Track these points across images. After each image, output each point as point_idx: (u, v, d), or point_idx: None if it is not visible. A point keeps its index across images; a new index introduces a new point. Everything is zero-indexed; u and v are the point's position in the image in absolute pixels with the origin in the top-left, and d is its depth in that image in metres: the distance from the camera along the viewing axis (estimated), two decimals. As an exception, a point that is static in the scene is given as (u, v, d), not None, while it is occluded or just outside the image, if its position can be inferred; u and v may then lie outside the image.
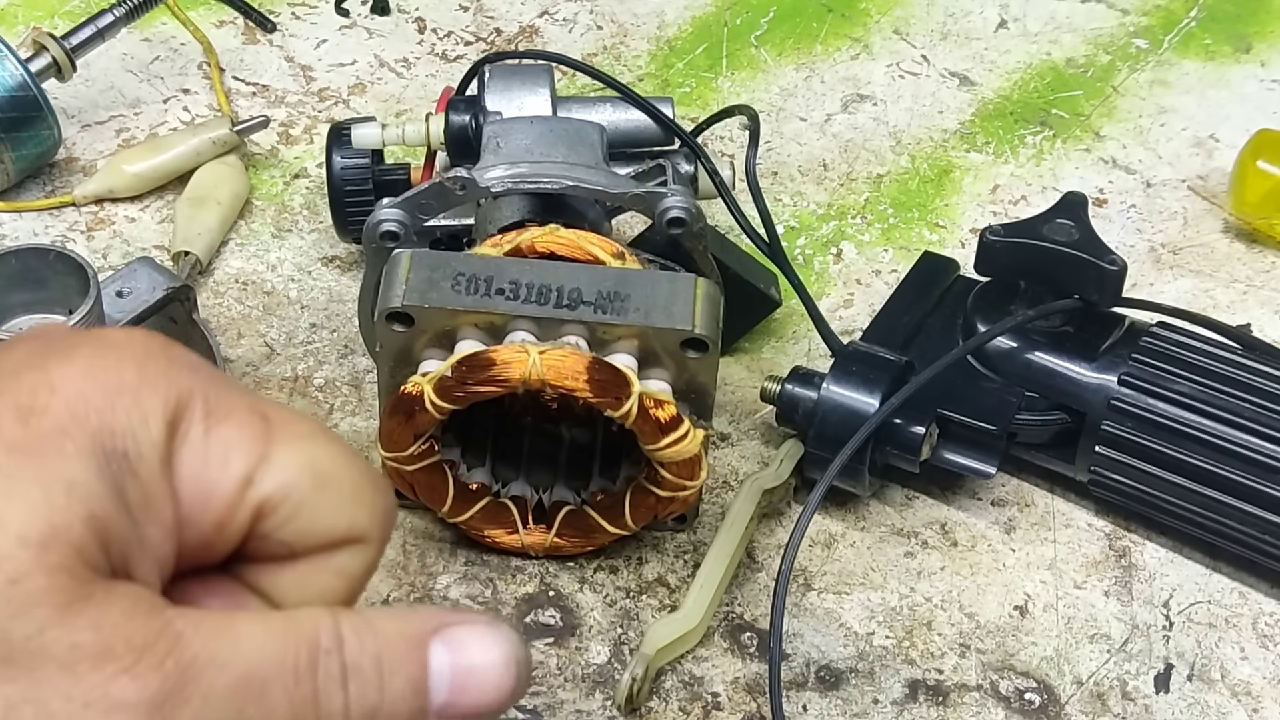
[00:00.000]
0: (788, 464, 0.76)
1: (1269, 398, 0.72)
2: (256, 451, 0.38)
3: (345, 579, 0.40)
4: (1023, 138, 0.97)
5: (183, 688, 0.34)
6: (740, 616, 0.72)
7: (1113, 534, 0.77)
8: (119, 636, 0.34)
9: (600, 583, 0.74)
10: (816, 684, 0.70)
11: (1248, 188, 0.90)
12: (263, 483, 0.38)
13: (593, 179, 0.71)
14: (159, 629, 0.34)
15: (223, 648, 0.35)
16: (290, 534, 0.39)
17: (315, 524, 0.39)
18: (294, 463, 0.38)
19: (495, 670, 0.38)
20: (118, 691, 0.33)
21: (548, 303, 0.67)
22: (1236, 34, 1.05)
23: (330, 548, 0.39)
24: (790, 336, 0.85)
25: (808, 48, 1.03)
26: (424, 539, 0.75)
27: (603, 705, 0.69)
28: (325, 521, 0.39)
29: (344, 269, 0.88)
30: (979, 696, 0.70)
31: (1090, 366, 0.74)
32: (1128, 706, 0.70)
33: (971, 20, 1.06)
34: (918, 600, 0.74)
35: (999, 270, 0.76)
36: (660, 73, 1.01)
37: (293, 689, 0.36)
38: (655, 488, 0.70)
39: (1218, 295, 0.88)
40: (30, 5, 1.03)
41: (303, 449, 0.39)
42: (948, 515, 0.77)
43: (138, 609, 0.35)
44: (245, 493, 0.38)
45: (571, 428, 0.76)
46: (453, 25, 1.04)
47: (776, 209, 0.91)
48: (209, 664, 0.34)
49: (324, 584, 0.40)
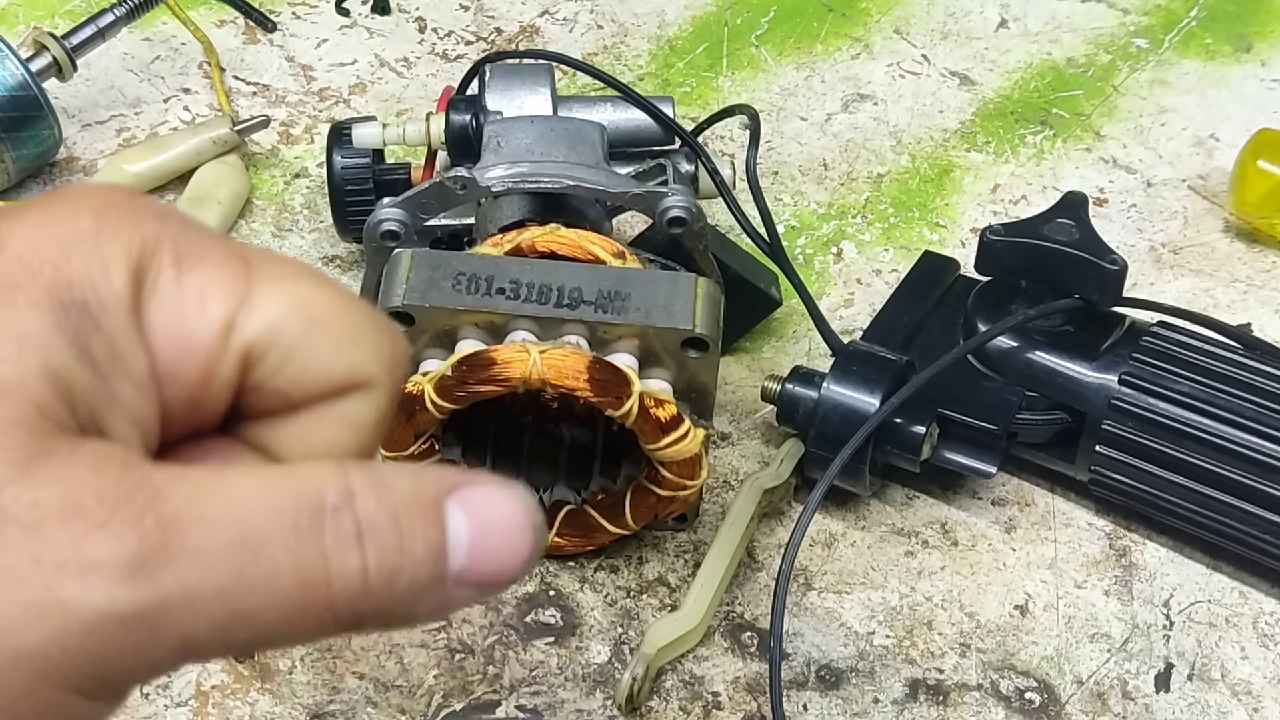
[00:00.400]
0: (788, 463, 0.76)
1: (1269, 397, 0.72)
2: (236, 294, 0.35)
3: (355, 429, 0.36)
4: (1023, 137, 0.97)
5: (165, 545, 0.30)
6: (740, 616, 0.72)
7: (1113, 534, 0.77)
8: (88, 491, 0.30)
9: (600, 582, 0.74)
10: (817, 683, 0.70)
11: (1248, 187, 0.90)
12: (246, 327, 0.35)
13: (593, 178, 0.71)
14: (134, 483, 0.31)
15: (211, 503, 0.32)
16: (285, 382, 0.35)
17: (311, 369, 0.35)
18: (279, 303, 0.35)
19: (514, 532, 0.34)
20: (92, 549, 0.30)
21: (548, 302, 0.67)
22: (1237, 34, 1.05)
23: (332, 395, 0.36)
24: (790, 336, 0.85)
25: (808, 47, 1.03)
26: (424, 538, 0.75)
27: (603, 705, 0.69)
28: (322, 365, 0.35)
29: (344, 268, 0.88)
30: (979, 696, 0.70)
31: (1091, 366, 0.74)
32: (1128, 706, 0.70)
33: (972, 20, 1.06)
34: (918, 600, 0.74)
35: (999, 270, 0.76)
36: (660, 72, 1.01)
37: (295, 548, 0.32)
38: (656, 487, 0.70)
39: (1218, 295, 0.88)
40: (30, 5, 1.03)
41: (288, 288, 0.35)
42: (948, 515, 0.77)
43: (109, 463, 0.31)
44: (228, 339, 0.34)
45: (572, 427, 0.76)
46: (453, 25, 1.04)
47: (777, 208, 0.91)
48: (195, 521, 0.31)
49: (331, 436, 0.36)
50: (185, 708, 0.68)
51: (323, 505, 0.32)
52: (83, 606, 0.30)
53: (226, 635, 0.32)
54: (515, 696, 0.69)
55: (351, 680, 0.69)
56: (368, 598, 0.32)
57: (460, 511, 0.34)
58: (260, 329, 0.35)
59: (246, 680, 0.69)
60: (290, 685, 0.69)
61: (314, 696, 0.69)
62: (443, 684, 0.70)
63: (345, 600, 0.32)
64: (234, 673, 0.69)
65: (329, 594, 0.32)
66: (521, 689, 0.69)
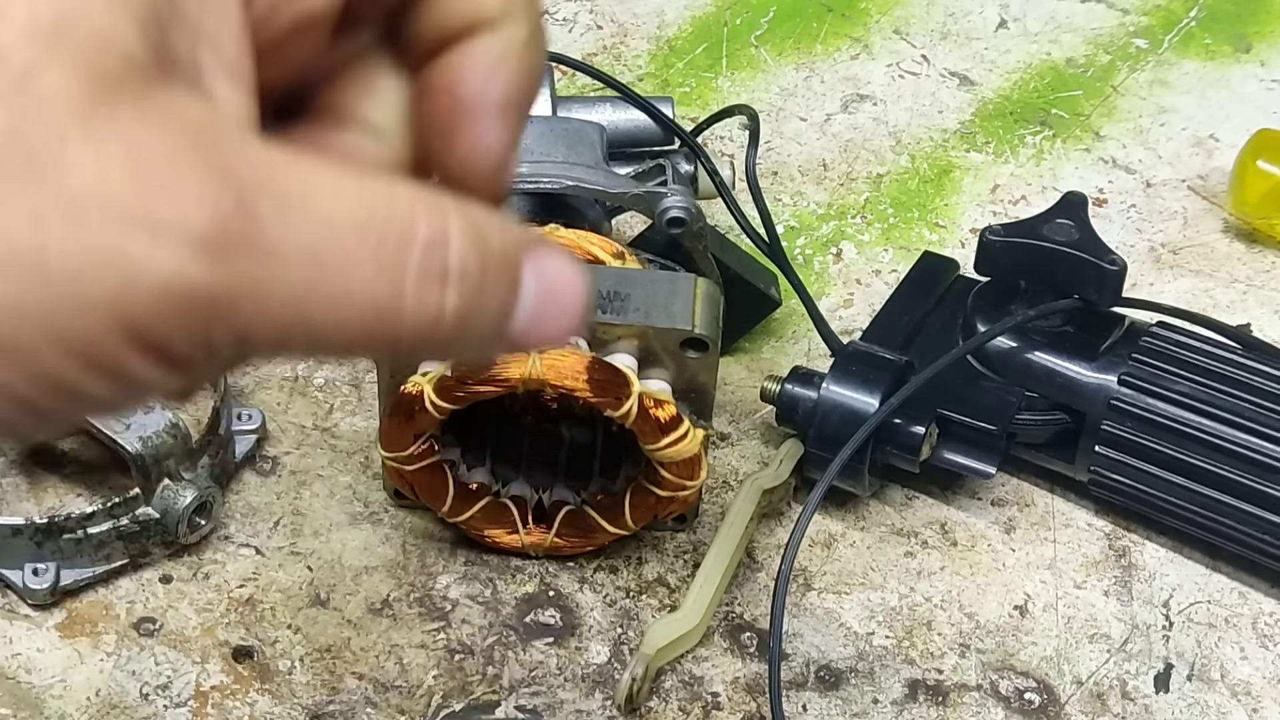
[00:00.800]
0: (788, 464, 0.76)
1: (1269, 398, 0.72)
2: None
3: (505, 63, 0.35)
4: (1023, 138, 0.97)
5: (243, 232, 0.28)
6: (740, 616, 0.72)
7: (1113, 534, 0.77)
8: (160, 151, 0.28)
9: (600, 583, 0.74)
10: (816, 684, 0.70)
11: (1248, 187, 0.90)
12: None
13: (593, 179, 0.71)
14: (218, 152, 0.28)
15: (297, 202, 0.29)
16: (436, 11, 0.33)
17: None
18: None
19: (572, 303, 0.34)
20: (163, 210, 0.27)
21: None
22: (1236, 34, 1.05)
23: (478, 28, 0.34)
24: (790, 336, 0.85)
25: (808, 47, 1.03)
26: (424, 539, 0.75)
27: (603, 705, 0.69)
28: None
29: (344, 269, 0.87)
30: (979, 696, 0.70)
31: (1090, 366, 0.74)
32: (1128, 706, 0.70)
33: (971, 20, 1.06)
34: (918, 600, 0.74)
35: (999, 270, 0.76)
36: (660, 73, 1.01)
37: (375, 277, 0.30)
38: (655, 488, 0.70)
39: (1218, 295, 0.88)
40: (30, 5, 1.03)
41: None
42: (948, 515, 0.77)
43: (186, 120, 0.28)
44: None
45: (571, 428, 0.76)
46: (453, 25, 1.03)
47: (776, 209, 0.91)
48: (276, 215, 0.29)
49: (484, 72, 0.35)
50: (185, 708, 0.68)
51: (412, 239, 0.31)
52: (151, 267, 0.28)
53: (284, 341, 0.30)
54: (515, 697, 0.69)
55: (351, 680, 0.69)
56: (434, 337, 0.31)
57: (532, 274, 0.33)
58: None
59: (246, 680, 0.69)
60: (290, 685, 0.69)
61: (314, 696, 0.69)
62: (442, 684, 0.69)
63: (412, 335, 0.31)
64: (234, 673, 0.69)
65: (398, 327, 0.31)
66: (521, 689, 0.69)
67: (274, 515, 0.75)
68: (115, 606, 0.71)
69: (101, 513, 0.70)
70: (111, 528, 0.70)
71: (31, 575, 0.70)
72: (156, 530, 0.71)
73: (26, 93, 0.27)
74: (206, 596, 0.72)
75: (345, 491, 0.76)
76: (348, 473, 0.77)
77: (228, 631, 0.71)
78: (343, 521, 0.75)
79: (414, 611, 0.72)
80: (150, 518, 0.71)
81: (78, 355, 0.28)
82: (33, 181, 0.27)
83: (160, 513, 0.71)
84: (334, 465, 0.78)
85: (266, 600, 0.72)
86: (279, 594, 0.72)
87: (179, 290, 0.28)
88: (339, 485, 0.77)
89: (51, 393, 0.28)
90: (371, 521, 0.75)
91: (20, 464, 0.73)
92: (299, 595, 0.72)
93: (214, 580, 0.73)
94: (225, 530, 0.74)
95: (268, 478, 0.77)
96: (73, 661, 0.69)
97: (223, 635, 0.71)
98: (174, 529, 0.71)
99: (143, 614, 0.71)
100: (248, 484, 0.77)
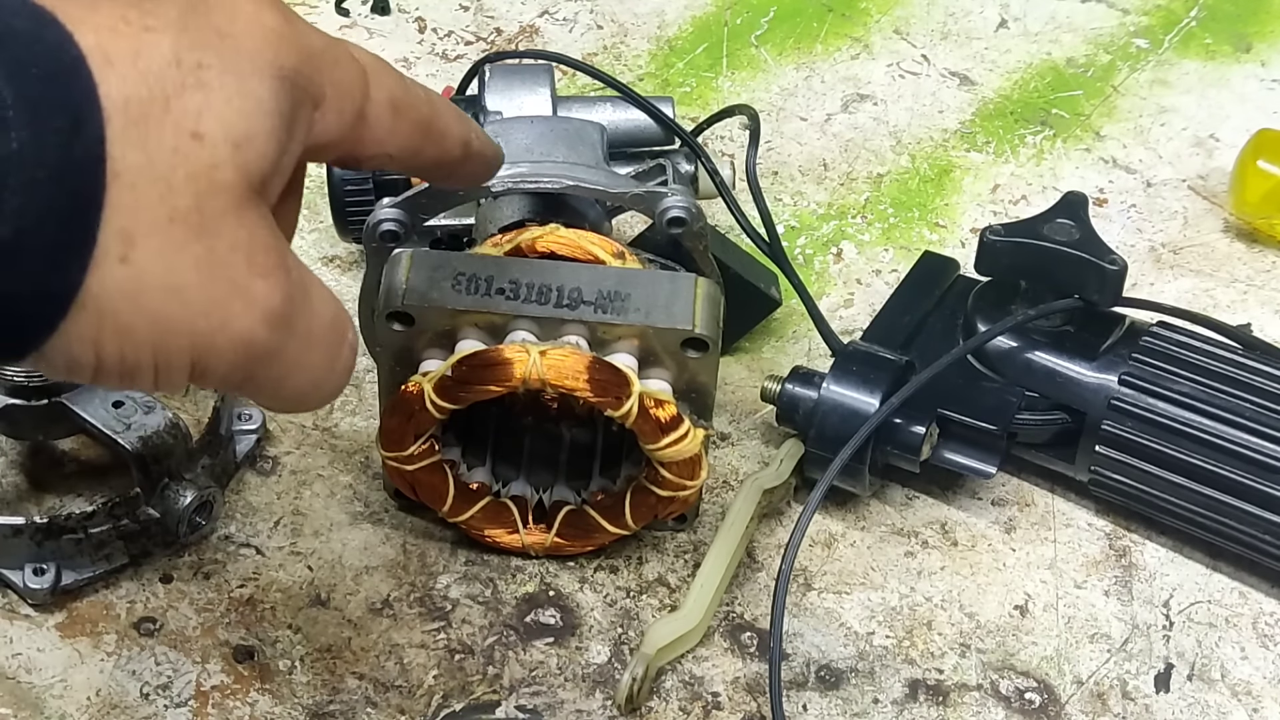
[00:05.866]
0: (788, 464, 0.76)
1: (1269, 398, 0.72)
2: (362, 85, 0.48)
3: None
4: (1023, 137, 0.97)
5: (292, 309, 0.43)
6: (740, 616, 0.72)
7: (1113, 534, 0.77)
8: (258, 250, 0.42)
9: (600, 582, 0.74)
10: (816, 684, 0.70)
11: (1248, 187, 0.90)
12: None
13: (593, 179, 0.71)
14: (282, 253, 0.44)
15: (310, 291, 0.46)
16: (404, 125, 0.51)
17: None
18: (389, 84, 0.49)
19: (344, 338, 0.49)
20: (257, 288, 0.42)
21: (548, 302, 0.67)
22: (1236, 34, 1.05)
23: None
24: (790, 336, 0.85)
25: (808, 47, 1.03)
26: (424, 539, 0.75)
27: (603, 705, 0.69)
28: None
29: (344, 269, 0.88)
30: (979, 696, 0.70)
31: (1090, 366, 0.74)
32: (1128, 706, 0.70)
33: (972, 20, 1.06)
34: (918, 600, 0.74)
35: (999, 270, 0.76)
36: (660, 72, 1.01)
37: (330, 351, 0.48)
38: (655, 487, 0.70)
39: (1218, 295, 0.88)
40: (30, 5, 1.03)
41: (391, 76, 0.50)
42: (948, 515, 0.77)
43: (270, 229, 0.43)
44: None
45: (572, 427, 0.76)
46: (453, 25, 1.04)
47: (776, 209, 0.91)
48: (303, 302, 0.44)
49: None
50: (185, 708, 0.68)
51: (346, 330, 0.48)
52: (238, 324, 0.42)
53: (297, 405, 0.48)
54: (515, 696, 0.69)
55: (351, 680, 0.69)
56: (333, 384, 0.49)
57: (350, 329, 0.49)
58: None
59: (246, 680, 0.69)
60: (290, 685, 0.69)
61: (314, 696, 0.69)
62: (443, 684, 0.70)
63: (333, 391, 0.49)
64: (234, 673, 0.69)
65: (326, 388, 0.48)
66: (521, 689, 0.69)
67: (274, 515, 0.75)
68: (115, 606, 0.71)
69: (102, 513, 0.70)
70: (112, 528, 0.70)
71: (32, 575, 0.70)
72: (157, 530, 0.71)
73: (213, 179, 0.41)
74: (207, 596, 0.72)
75: (345, 491, 0.76)
76: (348, 473, 0.77)
77: (228, 631, 0.71)
78: (343, 521, 0.75)
79: (414, 611, 0.72)
80: (150, 518, 0.71)
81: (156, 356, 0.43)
82: (200, 239, 0.41)
83: (160, 513, 0.71)
84: (334, 465, 0.78)
85: (267, 600, 0.72)
86: (279, 594, 0.72)
87: (249, 347, 0.43)
88: (339, 485, 0.77)
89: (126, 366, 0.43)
90: (372, 521, 0.75)
91: (20, 464, 0.73)
92: (299, 595, 0.72)
93: (214, 580, 0.73)
94: (225, 530, 0.74)
95: (268, 477, 0.77)
96: (73, 661, 0.69)
97: (223, 635, 0.71)
98: (174, 529, 0.71)
99: (143, 614, 0.71)
100: (248, 484, 0.77)
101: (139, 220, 0.40)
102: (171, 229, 0.41)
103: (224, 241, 0.42)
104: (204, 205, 0.41)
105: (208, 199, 0.41)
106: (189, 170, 0.41)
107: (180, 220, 0.41)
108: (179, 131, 0.41)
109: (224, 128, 0.41)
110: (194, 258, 0.41)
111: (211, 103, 0.42)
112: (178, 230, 0.41)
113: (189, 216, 0.41)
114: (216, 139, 0.41)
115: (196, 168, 0.41)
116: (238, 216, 0.42)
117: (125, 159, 0.40)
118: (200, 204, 0.41)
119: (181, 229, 0.41)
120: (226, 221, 0.42)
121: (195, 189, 0.41)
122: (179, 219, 0.41)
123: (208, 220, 0.41)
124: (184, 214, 0.41)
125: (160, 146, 0.41)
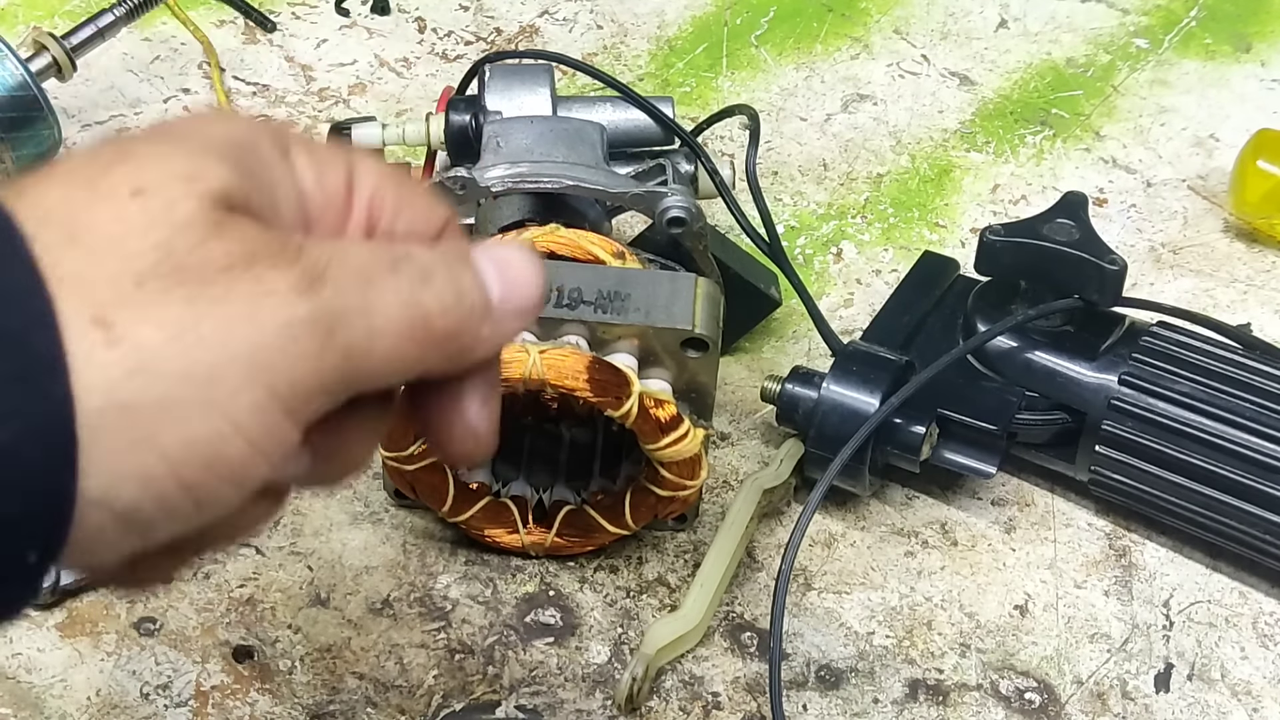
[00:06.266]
0: (788, 464, 0.76)
1: (1269, 397, 0.72)
2: (346, 162, 0.45)
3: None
4: (1023, 137, 0.98)
5: (318, 275, 0.40)
6: (740, 616, 0.72)
7: (1113, 534, 0.77)
8: (259, 245, 0.40)
9: (600, 582, 0.74)
10: (816, 684, 0.70)
11: (1248, 187, 0.90)
12: (362, 184, 0.44)
13: (593, 178, 0.71)
14: (284, 241, 0.41)
15: (335, 253, 0.42)
16: (403, 225, 0.45)
17: (417, 215, 0.45)
18: (374, 170, 0.45)
19: (528, 268, 0.45)
20: (269, 279, 0.39)
21: (548, 302, 0.67)
22: (1236, 34, 1.05)
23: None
24: (790, 336, 0.85)
25: (808, 47, 1.03)
26: (424, 539, 0.75)
27: (603, 705, 0.69)
28: (424, 212, 0.46)
29: (344, 269, 0.88)
30: (979, 696, 0.70)
31: (1090, 366, 0.74)
32: (1128, 706, 0.70)
33: (971, 20, 1.06)
34: (918, 600, 0.74)
35: (999, 270, 0.76)
36: (660, 72, 1.01)
37: (391, 280, 0.42)
38: (655, 487, 0.70)
39: (1218, 295, 0.88)
40: (30, 5, 1.03)
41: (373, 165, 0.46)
42: (948, 515, 0.77)
43: (268, 230, 0.41)
44: (352, 194, 0.44)
45: (572, 427, 0.76)
46: (453, 25, 1.04)
47: (776, 209, 0.91)
48: (330, 262, 0.41)
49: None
50: (185, 708, 0.68)
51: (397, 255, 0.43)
52: (274, 316, 0.39)
53: (369, 348, 0.41)
54: (515, 696, 0.69)
55: (351, 680, 0.69)
56: (445, 316, 0.43)
57: (485, 258, 0.44)
58: (372, 187, 0.45)
59: (246, 680, 0.69)
60: (290, 685, 0.69)
61: (314, 696, 0.69)
62: (443, 684, 0.70)
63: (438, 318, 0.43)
64: (234, 673, 0.69)
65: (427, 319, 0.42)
66: (521, 689, 0.69)
67: (274, 515, 0.75)
68: (115, 606, 0.71)
69: (102, 512, 0.70)
70: (112, 528, 0.70)
71: (32, 575, 0.70)
72: (157, 530, 0.71)
73: (174, 214, 0.40)
74: (207, 596, 0.72)
75: (345, 491, 0.76)
76: (348, 472, 0.77)
77: (228, 631, 0.71)
78: (343, 521, 0.75)
79: (414, 611, 0.72)
80: (150, 517, 0.71)
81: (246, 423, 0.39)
82: (182, 280, 0.39)
83: (160, 512, 0.71)
84: (334, 465, 0.77)
85: (267, 600, 0.72)
86: (279, 594, 0.72)
87: (294, 326, 0.39)
88: (339, 485, 0.77)
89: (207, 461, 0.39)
90: (372, 521, 0.75)
91: (20, 464, 0.73)
92: (299, 595, 0.72)
93: (214, 580, 0.73)
94: (225, 530, 0.74)
95: (268, 477, 0.77)
96: (73, 661, 0.70)
97: (223, 635, 0.71)
98: (174, 529, 0.71)
99: (143, 613, 0.71)
100: (248, 484, 0.77)
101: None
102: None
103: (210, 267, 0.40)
104: (175, 246, 0.40)
105: (177, 239, 0.40)
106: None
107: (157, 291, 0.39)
108: None
109: (170, 169, 0.40)
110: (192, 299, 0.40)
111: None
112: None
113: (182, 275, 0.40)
114: (164, 180, 0.40)
115: None
116: (218, 236, 0.40)
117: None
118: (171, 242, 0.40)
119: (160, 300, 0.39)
120: (208, 247, 0.40)
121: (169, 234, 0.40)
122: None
123: (185, 261, 0.40)
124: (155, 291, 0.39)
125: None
